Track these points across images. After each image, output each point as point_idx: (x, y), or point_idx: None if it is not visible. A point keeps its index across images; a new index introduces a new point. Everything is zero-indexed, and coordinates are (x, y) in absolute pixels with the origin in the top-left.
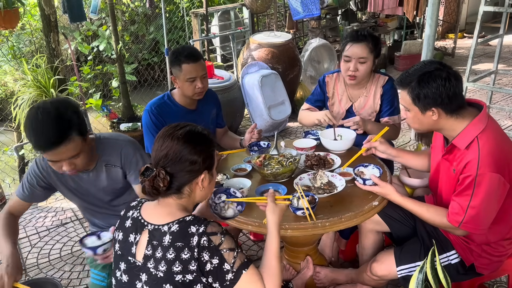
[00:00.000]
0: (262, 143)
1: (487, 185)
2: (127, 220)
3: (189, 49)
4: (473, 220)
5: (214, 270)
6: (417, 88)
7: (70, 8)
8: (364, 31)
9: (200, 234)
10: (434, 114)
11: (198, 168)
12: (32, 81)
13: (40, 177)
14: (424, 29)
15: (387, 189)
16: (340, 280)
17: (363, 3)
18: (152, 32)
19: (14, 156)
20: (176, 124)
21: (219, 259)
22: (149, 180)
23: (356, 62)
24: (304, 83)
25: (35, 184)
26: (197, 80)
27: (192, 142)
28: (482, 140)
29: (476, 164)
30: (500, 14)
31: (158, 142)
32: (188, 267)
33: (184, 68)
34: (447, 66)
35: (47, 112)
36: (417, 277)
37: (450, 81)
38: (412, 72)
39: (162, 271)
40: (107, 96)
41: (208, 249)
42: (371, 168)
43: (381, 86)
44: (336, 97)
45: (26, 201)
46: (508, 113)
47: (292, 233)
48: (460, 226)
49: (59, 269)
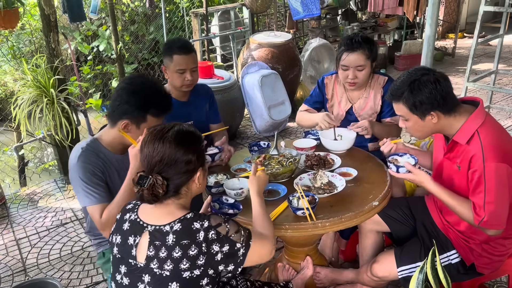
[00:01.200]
0: (262, 143)
1: (496, 176)
2: (124, 223)
3: (182, 41)
4: (493, 216)
5: (225, 256)
6: (411, 97)
7: (70, 8)
8: (358, 37)
9: (206, 228)
10: (434, 118)
11: (193, 167)
12: (32, 81)
13: (97, 171)
14: (424, 29)
15: (422, 177)
16: (340, 280)
17: (363, 3)
18: (152, 32)
19: (14, 156)
20: (162, 126)
21: (229, 244)
22: (148, 189)
23: (354, 70)
24: (304, 83)
25: (98, 181)
26: (187, 72)
27: (184, 143)
28: (483, 133)
29: (481, 157)
30: (500, 14)
31: (148, 148)
32: (196, 263)
33: (175, 59)
34: (431, 70)
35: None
36: (417, 277)
37: (439, 83)
38: (400, 84)
39: (168, 269)
40: (107, 96)
41: (218, 240)
42: (406, 157)
43: (381, 87)
44: (335, 99)
45: (106, 199)
46: (508, 113)
47: (292, 233)
48: (480, 224)
49: (59, 269)
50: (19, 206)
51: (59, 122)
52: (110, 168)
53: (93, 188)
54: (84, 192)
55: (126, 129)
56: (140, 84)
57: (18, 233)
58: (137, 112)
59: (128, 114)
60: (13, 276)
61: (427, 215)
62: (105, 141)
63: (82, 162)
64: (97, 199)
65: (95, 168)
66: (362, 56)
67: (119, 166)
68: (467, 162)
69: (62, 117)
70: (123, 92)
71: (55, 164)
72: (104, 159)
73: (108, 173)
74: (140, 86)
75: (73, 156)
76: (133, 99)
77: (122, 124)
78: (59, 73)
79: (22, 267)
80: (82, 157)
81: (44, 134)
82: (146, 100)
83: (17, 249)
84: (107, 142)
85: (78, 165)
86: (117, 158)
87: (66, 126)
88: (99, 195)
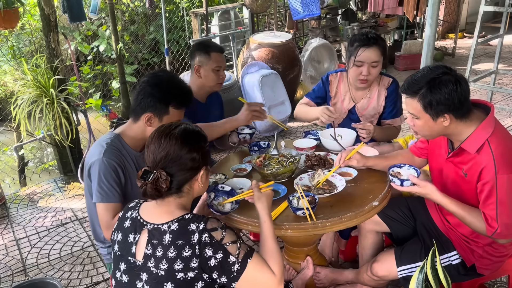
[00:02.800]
0: (262, 143)
1: (508, 187)
2: (125, 221)
3: (214, 42)
4: (506, 227)
5: (219, 264)
6: (428, 95)
7: (70, 8)
8: (373, 34)
9: (201, 231)
10: (446, 120)
11: (197, 165)
12: (32, 81)
13: (119, 169)
14: (424, 29)
15: (428, 189)
16: (340, 280)
17: (363, 3)
18: (152, 32)
19: (14, 156)
20: (169, 123)
21: (223, 253)
22: (152, 183)
23: (368, 67)
24: (304, 83)
25: (116, 180)
26: (221, 71)
27: (189, 140)
28: (494, 144)
29: (493, 169)
30: (501, 14)
31: (154, 144)
32: (189, 265)
33: (214, 57)
34: (453, 70)
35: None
36: (417, 277)
37: (461, 85)
38: (418, 79)
39: (164, 269)
40: (107, 96)
41: (211, 245)
42: (407, 168)
43: (386, 88)
44: (339, 97)
45: (119, 201)
46: (508, 113)
47: (292, 233)
48: (494, 235)
49: (59, 269)
50: (19, 206)
51: (59, 122)
52: (130, 165)
53: (110, 186)
54: (99, 188)
55: (149, 122)
56: (162, 78)
57: (18, 233)
58: (160, 104)
59: (151, 107)
60: (13, 276)
61: (427, 215)
62: (128, 136)
63: (107, 158)
64: (110, 198)
65: (118, 166)
66: (378, 51)
67: (137, 164)
68: (477, 173)
69: (62, 117)
70: (146, 85)
71: (55, 164)
72: (126, 156)
73: (127, 170)
74: (161, 79)
75: (97, 151)
76: (156, 91)
77: (145, 117)
78: (59, 73)
79: (22, 267)
80: (108, 153)
81: (44, 134)
82: (167, 92)
83: (17, 249)
84: (130, 137)
85: (102, 161)
86: (136, 155)
87: (66, 126)
88: (113, 195)
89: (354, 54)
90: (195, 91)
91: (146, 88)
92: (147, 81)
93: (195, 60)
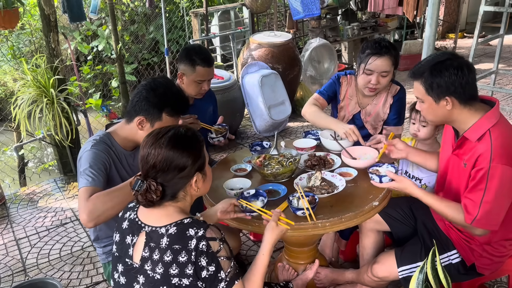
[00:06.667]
0: (265, 143)
1: (500, 178)
2: (124, 222)
3: (206, 52)
4: (486, 216)
5: (209, 277)
6: (429, 78)
7: (70, 8)
8: (386, 42)
9: (199, 237)
10: (448, 104)
11: (188, 172)
12: (31, 81)
13: (105, 160)
14: (424, 29)
15: (405, 183)
16: (340, 280)
17: (363, 3)
18: (152, 32)
19: (14, 156)
20: (158, 130)
21: (216, 266)
22: (142, 194)
23: (378, 76)
24: (304, 83)
25: (102, 169)
26: (204, 83)
27: (178, 147)
28: (495, 133)
29: (488, 157)
30: (501, 14)
31: (144, 153)
32: (184, 271)
33: (198, 71)
34: (459, 57)
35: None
36: (417, 277)
37: (462, 70)
38: (424, 63)
39: (159, 273)
40: (107, 96)
41: (207, 254)
42: (385, 167)
43: (392, 96)
44: (345, 101)
45: (102, 187)
46: (508, 113)
47: (292, 233)
48: (472, 223)
49: (58, 269)
50: (19, 206)
51: (59, 122)
52: (117, 162)
53: (95, 172)
54: (85, 175)
55: (141, 125)
56: (160, 83)
57: (18, 233)
58: (153, 109)
59: (144, 111)
60: (13, 276)
61: (428, 215)
62: (118, 135)
63: (95, 149)
64: (93, 182)
65: (105, 158)
66: (389, 61)
67: (126, 162)
68: (473, 160)
69: (62, 117)
70: (144, 89)
71: (55, 164)
72: (114, 153)
73: (115, 166)
74: (159, 84)
75: (87, 145)
76: (151, 96)
77: (137, 120)
78: (59, 73)
79: (22, 267)
80: (96, 146)
81: (44, 134)
82: (163, 98)
83: (17, 249)
84: (121, 137)
85: (91, 151)
86: (126, 154)
87: (66, 126)
88: (97, 179)
89: (364, 61)
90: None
91: (142, 92)
92: (145, 85)
93: (180, 67)
